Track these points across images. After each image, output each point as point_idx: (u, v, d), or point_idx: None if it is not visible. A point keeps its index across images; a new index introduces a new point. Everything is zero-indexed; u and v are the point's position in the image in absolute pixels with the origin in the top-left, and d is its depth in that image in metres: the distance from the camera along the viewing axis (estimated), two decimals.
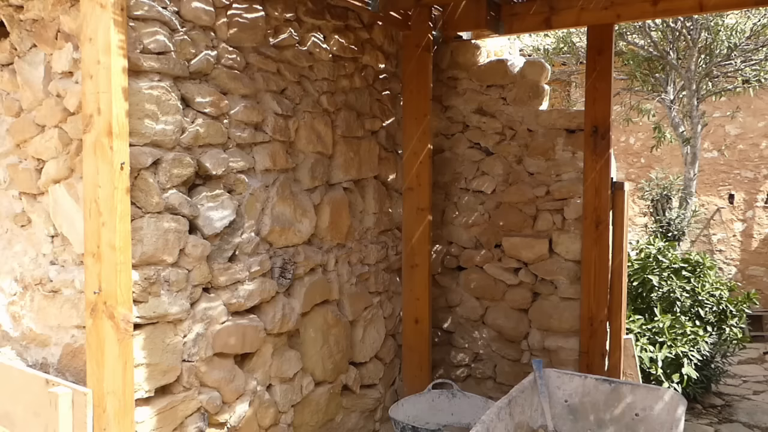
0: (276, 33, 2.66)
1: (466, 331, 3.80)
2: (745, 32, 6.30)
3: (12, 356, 2.31)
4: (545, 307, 3.55)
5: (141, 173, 2.08)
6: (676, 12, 3.36)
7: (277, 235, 2.67)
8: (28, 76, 2.26)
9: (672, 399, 2.40)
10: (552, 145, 3.53)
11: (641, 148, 8.29)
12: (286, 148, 2.74)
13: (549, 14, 3.34)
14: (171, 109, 2.15)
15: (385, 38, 3.46)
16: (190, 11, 2.23)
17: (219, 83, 2.38)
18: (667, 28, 6.29)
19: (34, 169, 2.28)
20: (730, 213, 7.96)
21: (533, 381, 2.57)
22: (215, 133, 2.35)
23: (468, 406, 3.10)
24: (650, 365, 4.05)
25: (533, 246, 3.54)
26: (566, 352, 3.49)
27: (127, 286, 1.95)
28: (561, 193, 3.49)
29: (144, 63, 2.06)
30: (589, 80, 3.31)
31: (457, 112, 3.78)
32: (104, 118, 1.89)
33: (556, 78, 7.52)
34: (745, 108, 7.67)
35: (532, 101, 3.62)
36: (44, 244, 2.27)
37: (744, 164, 7.88)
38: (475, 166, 3.73)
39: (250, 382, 2.56)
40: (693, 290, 4.64)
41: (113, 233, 1.90)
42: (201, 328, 2.32)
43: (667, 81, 6.72)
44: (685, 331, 4.30)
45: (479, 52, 3.77)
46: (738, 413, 4.38)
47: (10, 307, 2.37)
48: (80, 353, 2.12)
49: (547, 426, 2.53)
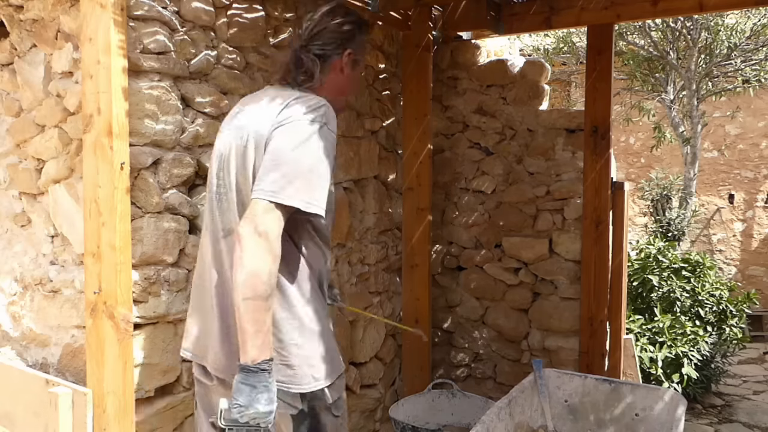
0: (276, 33, 2.66)
1: (466, 331, 3.80)
2: (745, 32, 6.30)
3: (12, 356, 2.31)
4: (545, 307, 3.55)
5: (141, 173, 2.08)
6: (676, 12, 3.37)
7: None
8: (28, 76, 2.25)
9: (672, 399, 2.40)
10: (552, 145, 3.53)
11: (641, 148, 8.30)
12: None
13: (549, 14, 3.34)
14: (171, 109, 2.15)
15: (385, 38, 3.46)
16: (190, 11, 2.23)
17: (219, 83, 2.38)
18: (667, 28, 6.29)
19: (34, 169, 2.28)
20: (730, 213, 7.96)
21: (533, 381, 2.57)
22: (215, 133, 2.34)
23: (468, 406, 3.10)
24: (650, 365, 4.05)
25: (533, 246, 3.54)
26: (566, 352, 3.49)
27: (127, 286, 1.95)
28: (561, 193, 3.49)
29: (144, 63, 2.06)
30: (589, 80, 3.31)
31: (457, 112, 3.78)
32: (104, 118, 1.89)
33: (556, 78, 7.52)
34: (745, 108, 7.67)
35: (532, 101, 3.62)
36: (44, 244, 2.27)
37: (744, 164, 7.89)
38: (475, 165, 3.73)
39: None
40: (693, 290, 4.64)
41: (113, 233, 1.90)
42: None
43: (667, 81, 6.72)
44: (685, 331, 4.30)
45: (479, 52, 3.77)
46: (738, 413, 4.38)
47: (10, 307, 2.37)
48: (80, 353, 2.12)
49: (547, 426, 2.53)
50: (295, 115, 1.60)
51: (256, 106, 1.71)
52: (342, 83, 1.85)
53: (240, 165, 1.66)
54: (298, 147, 1.55)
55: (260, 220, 1.48)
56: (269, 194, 1.51)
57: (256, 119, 1.66)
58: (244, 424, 1.44)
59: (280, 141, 1.57)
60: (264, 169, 1.55)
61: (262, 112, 1.67)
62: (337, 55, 1.81)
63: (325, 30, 1.79)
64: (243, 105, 1.81)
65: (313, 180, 1.56)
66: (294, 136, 1.57)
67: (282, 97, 1.67)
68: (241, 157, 1.65)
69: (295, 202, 1.52)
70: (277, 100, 1.66)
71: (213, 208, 1.75)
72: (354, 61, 1.85)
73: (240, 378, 1.45)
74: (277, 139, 1.57)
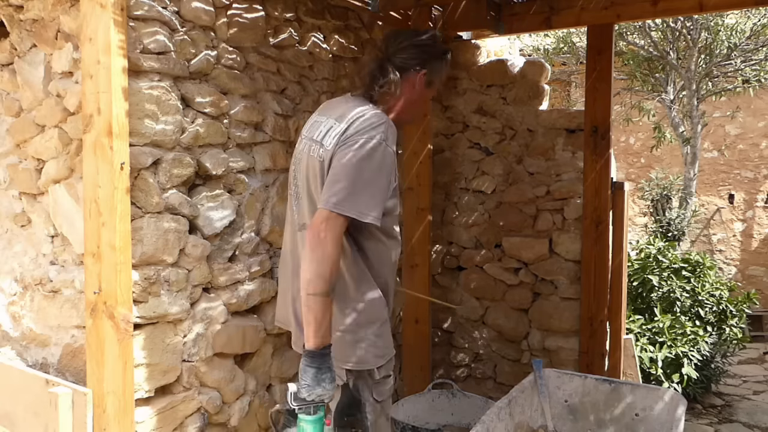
0: (276, 33, 2.66)
1: (466, 331, 3.80)
2: (745, 32, 6.30)
3: (12, 356, 2.31)
4: (545, 307, 3.55)
5: (141, 173, 2.08)
6: (676, 12, 3.37)
7: (278, 235, 2.67)
8: (28, 76, 2.26)
9: (672, 399, 2.40)
10: (552, 145, 3.53)
11: (641, 148, 8.29)
12: (287, 148, 2.73)
13: (549, 14, 3.34)
14: (171, 109, 2.15)
15: None
16: (190, 11, 2.23)
17: (219, 83, 2.38)
18: (667, 28, 6.29)
19: (34, 169, 2.28)
20: (730, 213, 7.96)
21: (533, 381, 2.57)
22: (215, 133, 2.35)
23: (468, 406, 3.10)
24: (650, 365, 4.05)
25: (533, 246, 3.54)
26: (566, 352, 3.49)
27: (127, 286, 1.95)
28: (561, 193, 3.49)
29: (144, 63, 2.06)
30: (589, 80, 3.31)
31: (457, 112, 3.78)
32: (104, 118, 1.89)
33: (556, 78, 7.51)
34: (745, 108, 7.67)
35: (532, 101, 3.62)
36: (44, 244, 2.27)
37: (744, 164, 7.89)
38: (475, 166, 3.73)
39: (250, 382, 2.56)
40: (693, 290, 4.64)
41: (113, 233, 1.90)
42: (201, 328, 2.32)
43: (667, 81, 6.72)
44: (685, 331, 4.30)
45: (479, 52, 3.77)
46: (738, 413, 4.38)
47: (10, 307, 2.37)
48: (80, 353, 2.12)
49: (547, 426, 2.53)
50: (358, 133, 1.81)
51: (328, 120, 1.92)
52: (411, 99, 2.02)
53: (311, 174, 1.90)
54: (358, 163, 1.77)
55: (322, 228, 1.71)
56: (331, 205, 1.73)
57: (326, 134, 1.88)
58: (311, 402, 1.66)
59: (343, 157, 1.78)
60: (329, 181, 1.79)
61: (331, 127, 1.88)
62: (414, 70, 1.99)
63: (412, 45, 1.99)
64: (319, 115, 2.00)
65: (371, 192, 1.77)
66: (356, 153, 1.78)
67: (351, 113, 1.87)
68: (312, 168, 1.89)
69: (352, 213, 1.74)
70: (346, 117, 1.87)
71: (292, 204, 2.03)
72: (428, 82, 2.03)
73: (306, 361, 1.69)
74: (342, 155, 1.79)
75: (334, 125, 1.88)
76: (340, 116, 1.89)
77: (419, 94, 2.03)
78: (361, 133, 1.80)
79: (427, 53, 2.00)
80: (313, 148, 1.90)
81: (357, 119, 1.84)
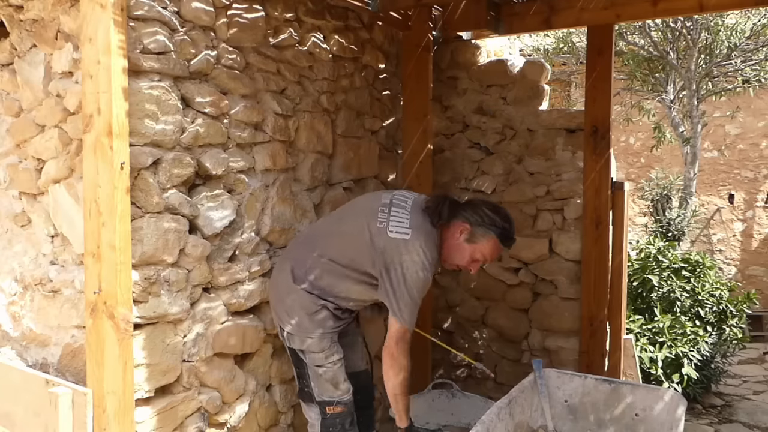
0: (276, 33, 2.66)
1: (466, 331, 3.79)
2: (745, 32, 6.30)
3: (12, 356, 2.31)
4: (545, 307, 3.55)
5: (141, 173, 2.08)
6: (676, 12, 3.37)
7: (278, 235, 2.67)
8: (28, 76, 2.25)
9: (672, 399, 2.40)
10: (552, 145, 3.53)
11: (641, 148, 8.30)
12: (286, 148, 2.74)
13: (549, 14, 3.34)
14: (171, 109, 2.15)
15: (385, 38, 3.46)
16: (190, 11, 2.23)
17: (219, 83, 2.38)
18: (667, 28, 6.30)
19: (34, 169, 2.27)
20: (730, 213, 7.96)
21: (533, 381, 2.57)
22: (215, 133, 2.35)
23: (468, 406, 3.10)
24: (650, 365, 4.05)
25: (533, 246, 3.54)
26: (566, 352, 3.49)
27: (127, 286, 1.95)
28: (561, 193, 3.48)
29: (144, 63, 2.06)
30: (589, 80, 3.31)
31: (457, 112, 3.77)
32: (104, 118, 1.89)
33: (556, 78, 7.51)
34: (745, 108, 7.68)
35: (532, 101, 3.62)
36: (44, 244, 2.27)
37: (744, 164, 7.89)
38: (475, 165, 3.73)
39: (250, 383, 2.56)
40: (693, 290, 4.64)
41: (113, 233, 1.90)
42: (201, 328, 2.32)
43: (667, 81, 6.73)
44: (685, 331, 4.30)
45: (479, 52, 3.77)
46: (738, 413, 4.38)
47: (10, 307, 2.37)
48: (80, 353, 2.12)
49: (547, 426, 2.53)
50: (415, 258, 2.21)
51: (394, 224, 2.26)
52: (450, 246, 2.35)
53: (361, 243, 2.28)
54: (414, 284, 2.23)
55: (394, 341, 2.29)
56: (401, 320, 2.26)
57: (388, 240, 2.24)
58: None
59: (407, 275, 2.22)
60: (395, 293, 2.24)
61: (394, 236, 2.24)
62: (463, 222, 2.31)
63: (480, 207, 2.34)
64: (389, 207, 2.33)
65: (415, 307, 2.28)
66: (414, 277, 2.22)
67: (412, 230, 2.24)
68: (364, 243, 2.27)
69: (409, 326, 2.28)
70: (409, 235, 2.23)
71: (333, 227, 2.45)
72: (467, 240, 2.32)
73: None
74: (405, 270, 2.21)
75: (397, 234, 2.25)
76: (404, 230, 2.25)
77: (455, 244, 2.34)
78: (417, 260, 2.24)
79: (485, 221, 2.31)
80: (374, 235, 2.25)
81: (416, 242, 2.23)
